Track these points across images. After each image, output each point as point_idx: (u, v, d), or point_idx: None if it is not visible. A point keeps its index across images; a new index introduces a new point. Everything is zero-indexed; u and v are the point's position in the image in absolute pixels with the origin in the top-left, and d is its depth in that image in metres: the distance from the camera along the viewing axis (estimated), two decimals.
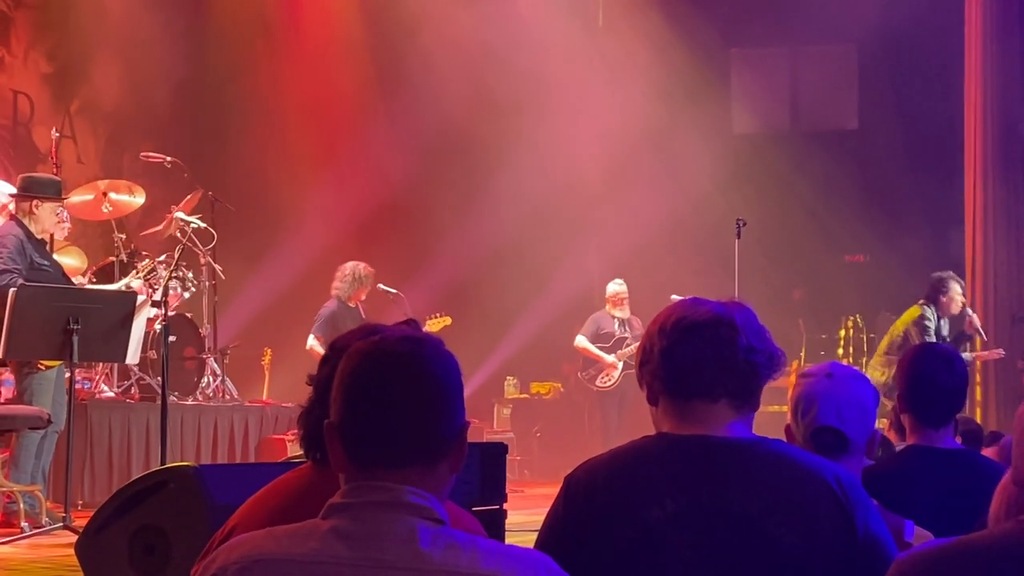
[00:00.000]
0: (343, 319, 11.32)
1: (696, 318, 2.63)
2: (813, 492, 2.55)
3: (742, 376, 2.62)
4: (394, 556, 2.01)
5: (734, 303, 2.71)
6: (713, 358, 2.60)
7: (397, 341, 2.14)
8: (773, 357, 2.67)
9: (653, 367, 2.67)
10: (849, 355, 13.87)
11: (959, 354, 4.11)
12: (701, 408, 2.61)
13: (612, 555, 2.52)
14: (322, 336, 11.30)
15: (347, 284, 11.57)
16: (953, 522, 3.48)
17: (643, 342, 2.72)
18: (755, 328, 2.66)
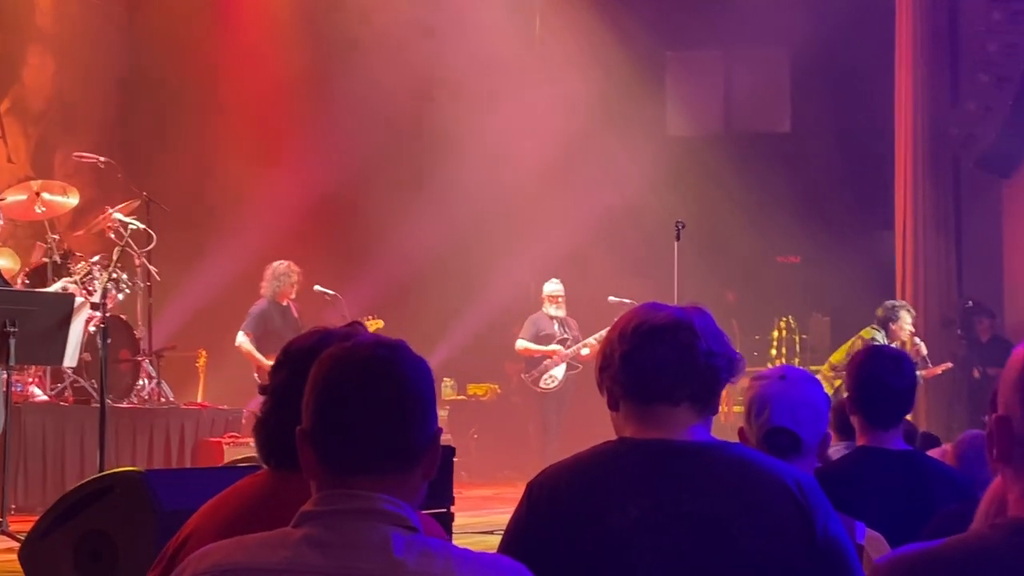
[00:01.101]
0: (272, 317, 11.39)
1: (656, 322, 2.65)
2: (773, 495, 2.57)
3: (702, 380, 2.63)
4: (368, 564, 2.00)
5: (693, 307, 2.73)
6: (674, 362, 2.61)
7: (370, 347, 2.13)
8: (732, 361, 2.70)
9: (614, 372, 2.68)
10: (782, 356, 13.99)
11: (908, 357, 4.16)
12: (662, 412, 2.63)
13: (576, 560, 2.53)
14: (252, 333, 11.34)
15: (271, 283, 11.58)
16: (902, 523, 3.53)
17: (603, 347, 2.73)
18: (714, 332, 2.68)
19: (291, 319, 11.53)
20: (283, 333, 11.30)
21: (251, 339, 11.30)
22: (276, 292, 11.57)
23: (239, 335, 11.44)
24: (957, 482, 3.98)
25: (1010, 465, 1.98)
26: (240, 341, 11.40)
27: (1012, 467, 1.98)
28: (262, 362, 11.11)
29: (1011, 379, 1.97)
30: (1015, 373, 1.97)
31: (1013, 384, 1.97)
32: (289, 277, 11.62)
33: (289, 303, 11.68)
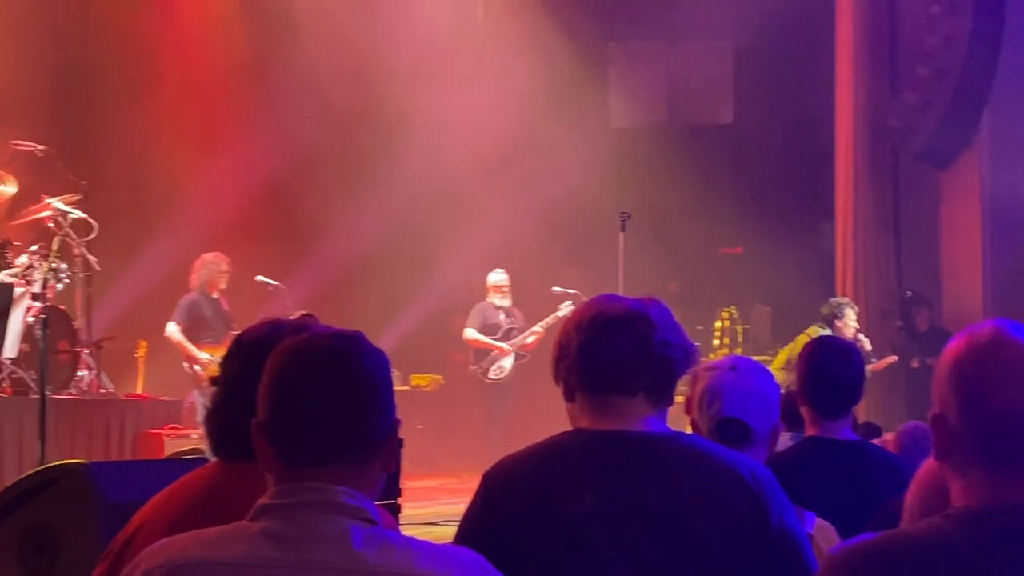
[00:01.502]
0: (202, 308, 11.41)
1: (612, 314, 2.65)
2: (728, 486, 2.58)
3: (658, 371, 2.64)
4: (327, 558, 1.99)
5: (649, 299, 2.73)
6: (630, 353, 2.62)
7: (327, 338, 2.11)
8: (688, 352, 2.70)
9: (570, 363, 2.68)
10: (725, 346, 14.03)
11: (857, 348, 4.19)
12: (618, 403, 2.63)
13: (532, 550, 2.52)
14: (182, 323, 11.34)
15: (200, 274, 11.58)
16: (851, 512, 3.55)
17: (560, 338, 2.73)
18: (670, 323, 2.68)
19: (221, 310, 11.54)
20: (213, 324, 11.31)
21: (180, 329, 11.28)
22: (205, 283, 11.55)
23: (169, 325, 11.41)
24: (904, 472, 4.01)
25: (948, 461, 2.01)
26: (170, 331, 11.37)
27: (950, 463, 2.00)
28: (192, 352, 11.13)
29: (943, 376, 2.00)
30: (946, 370, 2.00)
31: (945, 381, 2.00)
32: (217, 267, 11.59)
33: (219, 295, 11.63)
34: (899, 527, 2.16)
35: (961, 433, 1.98)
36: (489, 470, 2.69)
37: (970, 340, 2.01)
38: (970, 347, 2.00)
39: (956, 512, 1.99)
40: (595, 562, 2.51)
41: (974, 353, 1.99)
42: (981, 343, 2.00)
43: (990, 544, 1.92)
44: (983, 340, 2.00)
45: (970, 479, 1.98)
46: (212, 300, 11.56)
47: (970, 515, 1.96)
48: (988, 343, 1.99)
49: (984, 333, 2.01)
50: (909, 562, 1.95)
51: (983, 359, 1.98)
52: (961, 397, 1.98)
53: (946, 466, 2.03)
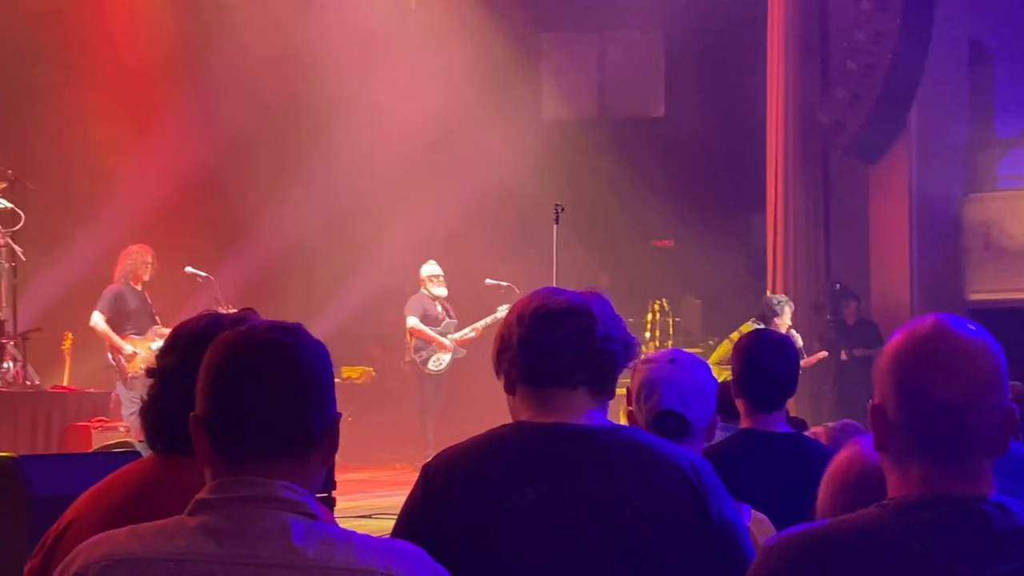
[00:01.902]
0: (126, 299, 11.31)
1: (554, 307, 2.64)
2: (669, 479, 2.58)
3: (599, 364, 2.64)
4: (267, 553, 1.96)
5: (591, 292, 2.73)
6: (571, 347, 2.61)
7: (267, 331, 2.08)
8: (629, 345, 2.71)
9: (511, 355, 2.67)
10: (656, 338, 14.10)
11: (792, 341, 4.22)
12: (559, 396, 2.63)
13: (472, 543, 2.51)
14: (107, 313, 11.23)
15: (124, 265, 11.48)
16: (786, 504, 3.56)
17: (501, 330, 2.72)
18: (611, 317, 2.68)
19: (144, 302, 11.44)
20: (137, 316, 11.22)
21: (105, 319, 11.16)
22: (129, 274, 11.44)
23: (94, 315, 11.30)
24: None
25: (887, 452, 2.02)
26: (95, 321, 11.26)
27: (889, 454, 2.02)
28: (116, 342, 11.02)
29: (883, 368, 2.03)
30: (887, 362, 2.02)
31: (885, 373, 2.02)
32: (141, 259, 11.49)
33: (143, 287, 11.53)
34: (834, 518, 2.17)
35: (900, 424, 2.00)
36: (429, 462, 2.68)
37: (911, 333, 2.03)
38: (910, 339, 2.02)
39: (892, 502, 2.01)
40: (536, 555, 2.50)
41: (914, 345, 2.01)
42: (921, 336, 2.01)
43: (924, 534, 1.94)
44: (924, 333, 2.02)
45: (908, 470, 2.00)
46: (136, 292, 11.45)
47: (905, 505, 1.98)
48: (928, 336, 2.01)
49: (925, 326, 2.03)
50: (844, 551, 1.97)
51: (923, 351, 2.00)
52: (900, 388, 2.00)
53: (884, 457, 2.05)
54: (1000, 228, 15.50)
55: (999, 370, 2.00)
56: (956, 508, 1.95)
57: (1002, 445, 2.01)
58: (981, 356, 1.99)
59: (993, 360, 2.00)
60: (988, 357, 1.99)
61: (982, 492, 1.98)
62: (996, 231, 15.51)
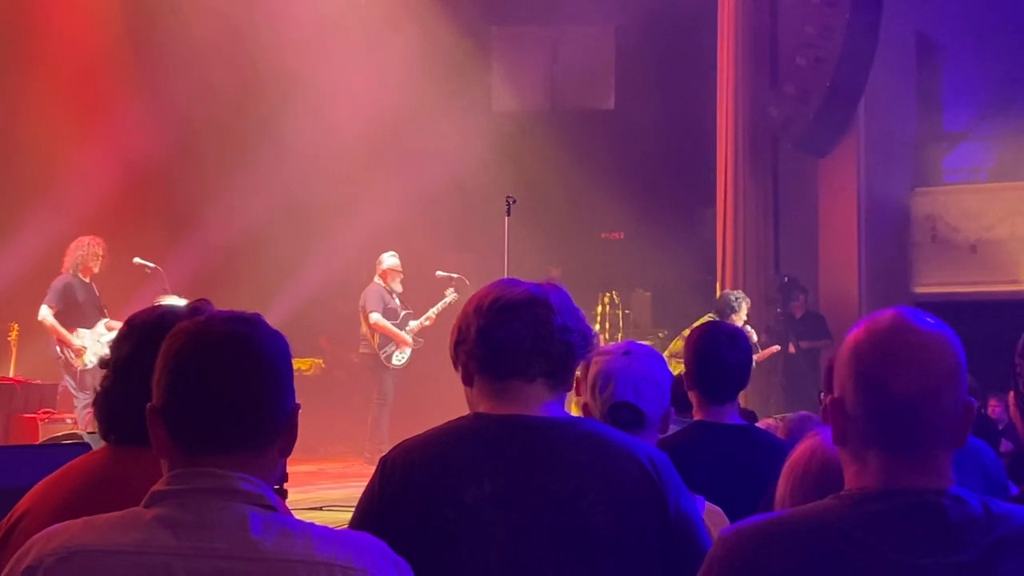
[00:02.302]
0: (75, 291, 11.15)
1: (512, 298, 2.64)
2: (627, 472, 2.58)
3: (558, 356, 2.64)
4: (225, 545, 1.95)
5: (549, 284, 2.73)
6: (530, 338, 2.61)
7: (225, 321, 2.07)
8: (587, 337, 2.71)
9: (469, 347, 2.66)
10: (606, 331, 14.13)
11: (744, 333, 4.23)
12: (517, 388, 2.62)
13: (429, 535, 2.50)
14: (55, 306, 11.06)
15: (73, 256, 11.32)
16: (738, 496, 3.59)
17: (458, 322, 2.71)
18: (569, 308, 2.68)
19: (93, 295, 11.29)
20: (86, 308, 11.07)
21: (53, 312, 11.02)
22: (79, 266, 11.30)
23: (42, 308, 11.14)
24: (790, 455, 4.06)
25: (846, 446, 2.04)
26: (43, 315, 11.10)
27: (848, 447, 2.03)
28: (64, 336, 10.86)
29: (842, 361, 2.04)
30: (846, 355, 2.03)
31: (844, 366, 2.03)
32: (92, 250, 11.36)
33: (91, 279, 11.40)
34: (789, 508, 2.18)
35: (859, 417, 2.01)
36: (387, 454, 2.66)
37: (870, 326, 2.04)
38: (870, 333, 2.03)
39: (847, 494, 2.02)
40: (493, 547, 2.50)
41: (874, 339, 2.02)
42: (881, 329, 2.03)
43: (878, 525, 1.96)
44: (883, 326, 2.03)
45: (866, 462, 2.01)
46: (85, 284, 11.31)
47: (861, 496, 2.00)
48: (888, 329, 2.02)
49: (884, 320, 2.04)
50: (799, 542, 1.98)
51: (882, 345, 2.01)
52: (859, 381, 2.01)
53: (843, 452, 2.06)
54: (946, 222, 15.64)
55: (958, 363, 2.01)
56: (911, 500, 1.97)
57: (959, 438, 2.02)
58: (940, 349, 2.00)
59: (952, 353, 2.01)
60: (947, 350, 2.01)
61: (939, 484, 1.99)
62: (943, 225, 15.65)
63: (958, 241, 15.48)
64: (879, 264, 15.03)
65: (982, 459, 4.21)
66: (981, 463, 4.20)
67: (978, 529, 1.96)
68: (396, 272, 13.08)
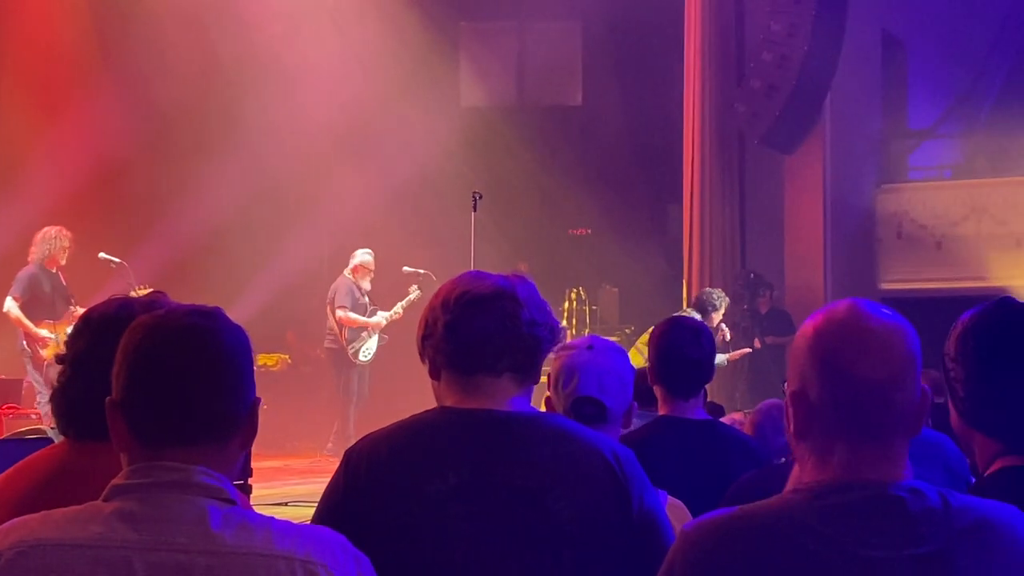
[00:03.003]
0: (40, 282, 11.03)
1: (479, 292, 2.63)
2: (591, 467, 2.58)
3: (526, 350, 2.63)
4: (184, 539, 1.95)
5: (516, 276, 2.72)
6: (497, 332, 2.60)
7: (185, 315, 2.06)
8: (554, 330, 2.70)
9: (436, 341, 2.65)
10: (573, 327, 14.16)
11: (707, 328, 4.25)
12: (484, 382, 2.62)
13: (392, 528, 2.50)
14: (20, 297, 10.94)
15: (40, 247, 11.23)
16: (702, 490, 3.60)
17: (425, 315, 2.70)
18: (537, 302, 2.68)
19: (60, 286, 11.18)
20: (52, 300, 10.97)
21: (18, 303, 10.92)
22: (45, 257, 11.20)
23: (7, 300, 11.04)
24: (754, 450, 4.09)
25: (807, 439, 2.04)
26: (8, 307, 11.00)
27: (808, 440, 2.04)
28: (30, 328, 10.75)
29: (803, 351, 2.04)
30: (806, 344, 2.03)
31: (805, 355, 2.03)
32: (59, 242, 11.26)
33: (58, 270, 11.31)
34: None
35: (823, 405, 2.01)
36: (351, 447, 2.66)
37: (828, 315, 2.05)
38: (829, 321, 2.04)
39: (806, 487, 2.03)
40: (456, 541, 2.49)
41: (834, 326, 2.03)
42: (840, 318, 2.04)
43: (837, 518, 1.96)
44: (842, 315, 2.04)
45: (828, 455, 2.01)
46: (51, 275, 11.21)
47: (821, 489, 2.00)
48: (846, 317, 2.04)
49: (841, 308, 2.06)
50: (760, 535, 1.98)
51: (843, 331, 2.02)
52: (823, 369, 2.01)
53: (802, 446, 2.06)
54: (912, 218, 15.73)
55: (915, 350, 2.03)
56: (870, 492, 1.97)
57: (916, 426, 2.04)
58: (899, 336, 2.02)
59: (910, 340, 2.03)
60: (905, 337, 2.02)
61: (899, 476, 2.00)
62: (908, 221, 15.75)
63: (923, 238, 15.58)
64: (845, 260, 15.11)
65: (944, 452, 4.24)
66: (944, 456, 4.23)
67: (937, 521, 1.97)
68: (367, 270, 13.04)
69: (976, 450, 2.56)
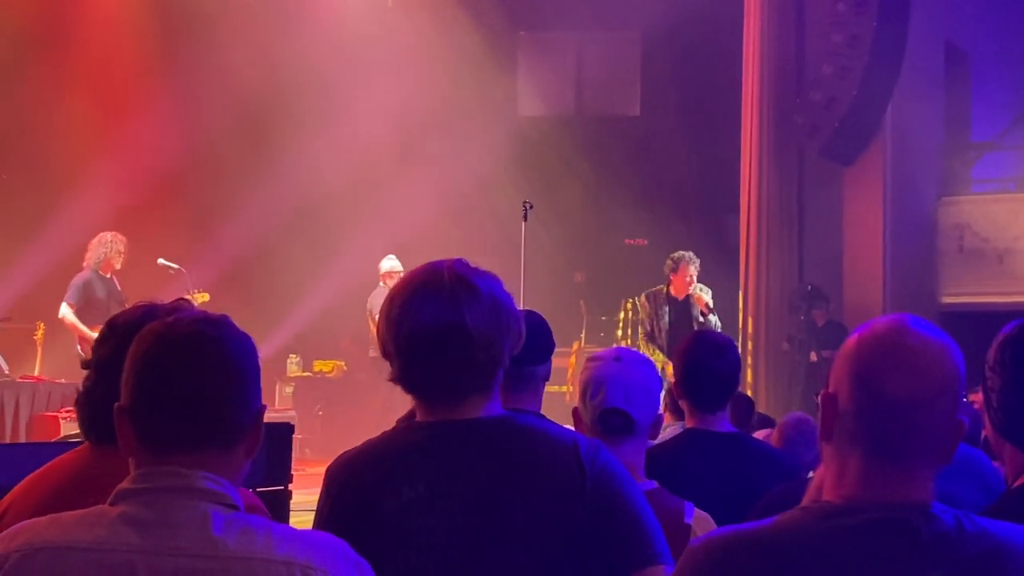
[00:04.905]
0: (95, 288, 11.16)
1: (425, 331, 2.52)
2: (555, 465, 2.51)
3: (485, 375, 2.56)
4: (186, 543, 1.98)
5: (462, 283, 2.56)
6: (452, 375, 2.53)
7: (191, 322, 2.10)
8: (515, 332, 2.59)
9: (392, 370, 2.61)
10: (628, 336, 14.13)
11: (732, 342, 4.23)
12: (447, 405, 2.57)
13: (361, 544, 2.45)
14: (74, 304, 11.09)
15: (95, 253, 11.34)
16: (728, 503, 3.60)
17: (378, 329, 2.65)
18: (488, 316, 2.54)
19: (115, 291, 11.29)
20: (107, 305, 11.06)
21: (73, 310, 11.04)
22: (100, 263, 11.33)
23: (62, 307, 11.18)
24: (781, 463, 4.08)
25: (831, 442, 2.03)
26: (63, 313, 11.14)
27: (833, 444, 2.03)
28: (85, 333, 10.84)
29: (842, 357, 2.03)
30: (846, 352, 2.03)
31: (843, 362, 2.02)
32: (115, 246, 11.37)
33: (112, 275, 11.43)
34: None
35: (848, 414, 1.99)
36: (331, 464, 2.66)
37: (873, 327, 2.04)
38: (872, 333, 2.02)
39: (816, 505, 2.02)
40: (414, 554, 2.48)
41: (875, 339, 2.01)
42: (885, 330, 2.02)
43: (846, 541, 1.94)
44: (888, 328, 2.02)
45: (846, 465, 2.00)
46: (105, 280, 11.32)
47: (831, 509, 1.98)
48: (888, 331, 2.01)
49: (891, 321, 2.04)
50: (764, 555, 1.97)
51: (882, 345, 2.00)
52: (855, 379, 2.00)
53: (827, 448, 2.04)
54: (974, 231, 15.57)
55: (956, 376, 1.99)
56: (880, 515, 1.95)
57: (945, 454, 2.00)
58: (941, 359, 1.98)
59: (952, 365, 1.99)
60: (947, 361, 1.99)
61: (917, 498, 1.97)
62: (970, 234, 15.58)
63: (986, 251, 15.41)
64: (904, 274, 14.97)
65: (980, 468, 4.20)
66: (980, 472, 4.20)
67: (949, 547, 1.94)
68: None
69: (1006, 461, 2.54)
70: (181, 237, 13.72)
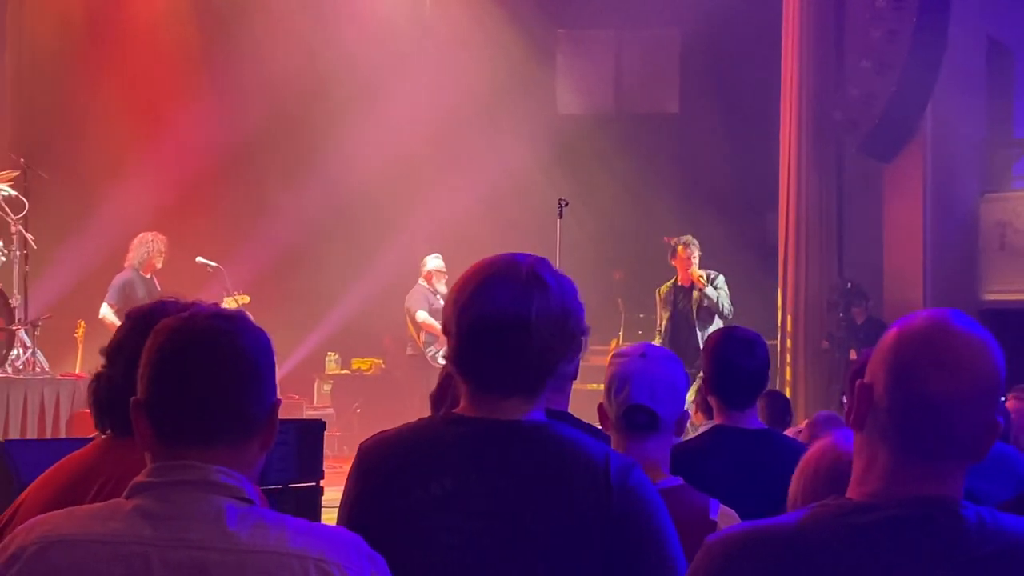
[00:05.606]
0: (135, 288, 11.23)
1: (488, 319, 2.50)
2: (581, 479, 2.47)
3: (535, 379, 2.54)
4: (200, 536, 2.00)
5: (536, 284, 2.52)
6: (507, 369, 2.51)
7: (207, 317, 2.11)
8: (576, 342, 2.56)
9: (447, 347, 2.60)
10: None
11: (761, 338, 4.21)
12: (492, 400, 2.54)
13: (381, 530, 2.44)
14: (115, 304, 11.18)
15: (136, 253, 11.42)
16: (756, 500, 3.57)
17: (444, 312, 2.63)
18: (553, 317, 2.51)
19: (155, 291, 11.35)
20: None
21: (114, 311, 11.12)
22: (141, 263, 11.42)
23: (103, 307, 11.28)
24: None
25: (862, 431, 2.02)
26: (104, 313, 11.24)
27: (864, 433, 2.01)
28: None
29: (881, 349, 2.01)
30: (886, 344, 2.01)
31: (882, 353, 2.01)
32: (156, 246, 11.46)
33: (152, 275, 11.51)
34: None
35: (883, 407, 1.97)
36: (364, 442, 2.63)
37: (914, 322, 2.01)
38: (913, 327, 2.00)
39: (835, 503, 2.00)
40: (434, 552, 2.45)
41: (916, 334, 1.99)
42: (925, 326, 1.99)
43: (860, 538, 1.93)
44: (931, 323, 2.00)
45: (876, 458, 1.99)
46: (146, 280, 11.42)
47: (851, 506, 1.97)
48: (931, 326, 1.99)
49: (934, 316, 2.01)
50: (777, 551, 1.96)
51: (923, 340, 1.98)
52: (893, 372, 1.98)
53: (858, 437, 2.02)
54: (1015, 228, 15.41)
55: (996, 376, 1.97)
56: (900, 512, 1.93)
57: (977, 453, 1.98)
58: (981, 358, 1.96)
59: (992, 365, 1.97)
60: (988, 361, 1.96)
61: (944, 494, 1.95)
62: (1011, 231, 15.43)
63: None
64: (945, 271, 14.85)
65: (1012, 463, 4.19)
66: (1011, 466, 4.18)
67: (968, 544, 1.92)
68: (441, 273, 13.10)
69: None
70: (220, 236, 13.81)
